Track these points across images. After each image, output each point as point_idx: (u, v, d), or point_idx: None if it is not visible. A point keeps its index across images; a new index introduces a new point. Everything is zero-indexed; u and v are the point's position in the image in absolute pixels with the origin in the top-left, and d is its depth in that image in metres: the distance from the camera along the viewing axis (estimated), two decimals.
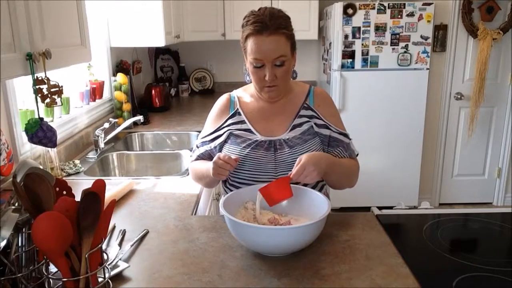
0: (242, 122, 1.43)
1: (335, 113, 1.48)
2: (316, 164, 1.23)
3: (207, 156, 1.48)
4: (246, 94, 1.49)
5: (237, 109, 1.45)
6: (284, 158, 1.38)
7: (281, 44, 1.30)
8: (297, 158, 1.36)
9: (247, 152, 1.38)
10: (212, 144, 1.46)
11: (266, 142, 1.39)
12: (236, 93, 1.51)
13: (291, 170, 1.37)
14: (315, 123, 1.41)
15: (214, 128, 1.47)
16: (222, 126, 1.45)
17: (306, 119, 1.42)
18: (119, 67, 3.04)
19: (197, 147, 1.52)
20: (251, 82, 1.45)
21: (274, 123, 1.42)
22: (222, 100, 1.50)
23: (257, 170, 1.38)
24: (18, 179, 0.96)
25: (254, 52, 1.30)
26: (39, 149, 1.82)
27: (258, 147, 1.38)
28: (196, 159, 1.51)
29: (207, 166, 1.38)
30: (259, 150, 1.38)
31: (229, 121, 1.44)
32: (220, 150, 1.44)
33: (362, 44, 3.43)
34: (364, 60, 3.47)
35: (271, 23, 1.27)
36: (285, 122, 1.42)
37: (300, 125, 1.41)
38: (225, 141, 1.43)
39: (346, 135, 1.44)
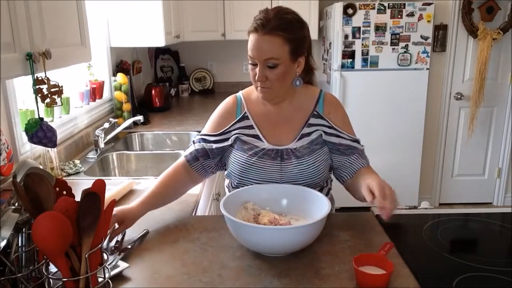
0: (250, 127, 1.39)
1: (346, 120, 1.43)
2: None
3: (203, 153, 1.43)
4: (253, 96, 1.44)
5: (245, 112, 1.41)
6: (291, 169, 1.35)
7: (274, 46, 1.25)
8: (303, 168, 1.35)
9: (254, 161, 1.36)
10: (214, 145, 1.41)
11: (273, 151, 1.36)
12: (242, 94, 1.46)
13: (296, 180, 1.34)
14: (324, 131, 1.37)
15: (217, 127, 1.42)
16: (229, 130, 1.40)
17: (315, 127, 1.38)
18: (119, 67, 3.04)
19: (194, 142, 1.46)
20: None
21: (282, 131, 1.38)
22: (228, 101, 1.45)
23: (262, 179, 1.36)
24: (18, 179, 0.96)
25: (249, 49, 1.28)
26: (39, 149, 1.82)
27: (265, 156, 1.36)
28: (190, 154, 1.45)
29: (151, 191, 1.38)
30: (266, 159, 1.36)
31: (237, 125, 1.40)
32: (223, 153, 1.42)
33: (362, 44, 3.43)
34: (364, 60, 3.47)
35: (269, 23, 1.24)
36: (293, 130, 1.38)
37: (308, 134, 1.37)
38: (231, 145, 1.41)
39: (358, 142, 1.40)
